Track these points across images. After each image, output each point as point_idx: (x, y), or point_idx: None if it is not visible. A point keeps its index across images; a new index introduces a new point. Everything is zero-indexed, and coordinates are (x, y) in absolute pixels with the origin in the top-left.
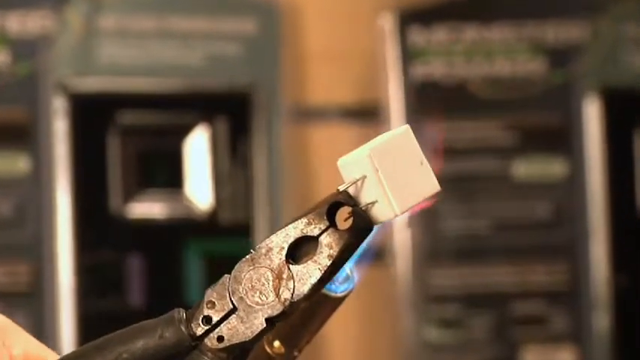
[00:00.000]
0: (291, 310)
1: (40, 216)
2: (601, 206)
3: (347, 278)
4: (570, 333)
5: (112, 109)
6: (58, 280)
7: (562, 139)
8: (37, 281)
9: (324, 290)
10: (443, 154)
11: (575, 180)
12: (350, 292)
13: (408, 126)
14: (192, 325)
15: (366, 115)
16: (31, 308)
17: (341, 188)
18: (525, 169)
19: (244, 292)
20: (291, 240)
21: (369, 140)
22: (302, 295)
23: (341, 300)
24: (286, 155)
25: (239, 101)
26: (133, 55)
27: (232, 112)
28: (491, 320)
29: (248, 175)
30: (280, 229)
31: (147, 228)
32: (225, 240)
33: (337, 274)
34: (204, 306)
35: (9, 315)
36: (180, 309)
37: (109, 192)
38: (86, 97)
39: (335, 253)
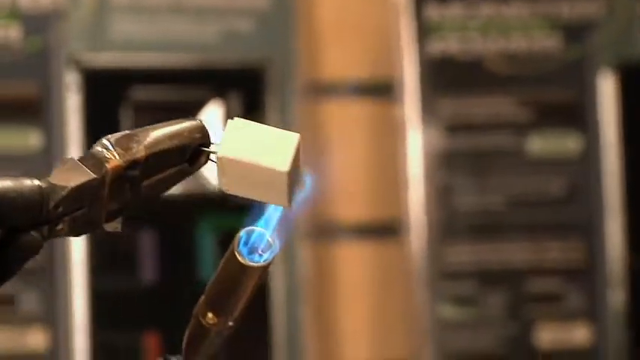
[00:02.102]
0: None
1: None
2: (616, 183)
3: (268, 248)
4: (585, 310)
5: (124, 84)
6: (70, 257)
7: (577, 115)
8: (49, 258)
9: (245, 260)
10: (458, 130)
11: (590, 156)
12: (271, 261)
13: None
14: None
15: (380, 91)
16: (44, 283)
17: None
18: (540, 145)
19: None
20: None
21: (382, 116)
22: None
23: (263, 269)
24: (299, 130)
25: (252, 77)
26: (146, 31)
27: (245, 88)
28: (506, 297)
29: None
30: None
31: (159, 204)
32: (238, 216)
33: (258, 244)
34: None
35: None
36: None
37: None
38: (98, 72)
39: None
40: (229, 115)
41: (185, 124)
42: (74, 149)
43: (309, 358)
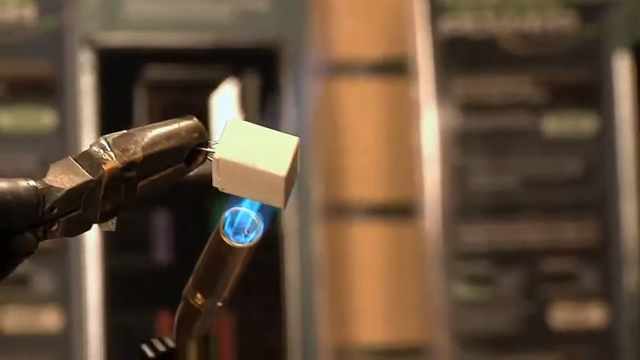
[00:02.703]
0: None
1: None
2: (631, 163)
3: (253, 228)
4: (600, 290)
5: (138, 63)
6: (84, 237)
7: (592, 95)
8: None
9: (231, 241)
10: (473, 110)
11: (606, 136)
12: (256, 241)
13: (232, 119)
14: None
15: (394, 70)
16: (57, 263)
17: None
18: (555, 125)
19: None
20: None
21: (396, 95)
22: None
23: (248, 250)
24: (314, 109)
25: (267, 56)
26: (160, 10)
27: (260, 67)
28: (521, 277)
29: (276, 130)
30: None
31: (173, 183)
32: None
33: (243, 225)
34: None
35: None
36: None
37: None
38: (113, 51)
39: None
40: (244, 95)
41: (183, 124)
42: (88, 129)
43: (323, 338)
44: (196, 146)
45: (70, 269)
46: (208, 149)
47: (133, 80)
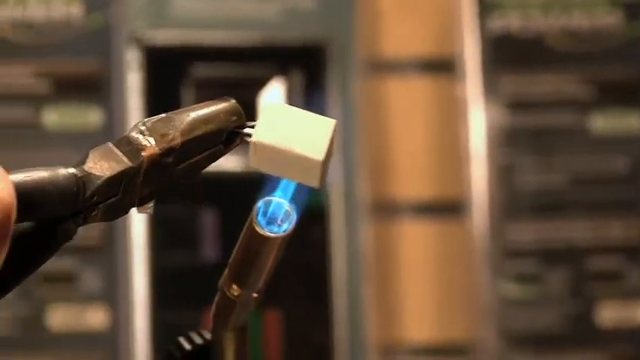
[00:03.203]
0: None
1: None
2: None
3: (286, 217)
4: None
5: (186, 61)
6: (131, 234)
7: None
8: (109, 236)
9: (264, 231)
10: (520, 108)
11: None
12: (290, 231)
13: (269, 102)
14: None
15: (441, 68)
16: (104, 261)
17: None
18: (603, 122)
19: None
20: None
21: (443, 93)
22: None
23: (282, 239)
24: (361, 108)
25: (314, 54)
26: (208, 8)
27: (307, 65)
28: (568, 275)
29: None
30: None
31: (221, 181)
32: None
33: (276, 215)
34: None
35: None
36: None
37: None
38: (160, 49)
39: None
40: (290, 93)
41: (221, 106)
42: None
43: (370, 337)
44: (234, 129)
45: (116, 267)
46: (246, 131)
47: (180, 78)
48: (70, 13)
